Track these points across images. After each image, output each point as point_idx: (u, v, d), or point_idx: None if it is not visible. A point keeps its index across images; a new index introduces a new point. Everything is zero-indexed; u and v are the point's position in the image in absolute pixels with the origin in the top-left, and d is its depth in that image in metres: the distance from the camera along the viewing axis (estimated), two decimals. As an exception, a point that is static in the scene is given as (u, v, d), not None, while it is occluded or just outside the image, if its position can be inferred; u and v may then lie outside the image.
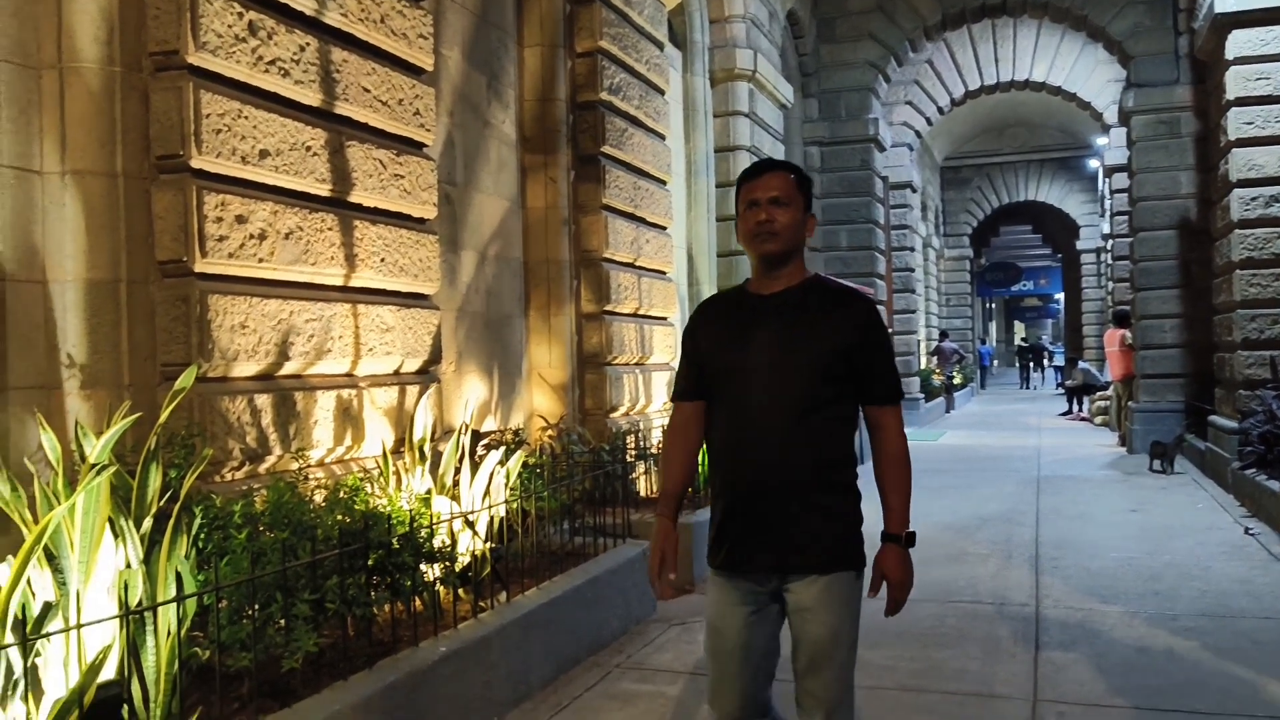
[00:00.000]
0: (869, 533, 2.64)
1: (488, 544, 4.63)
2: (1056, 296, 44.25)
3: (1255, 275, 10.11)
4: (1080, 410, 20.40)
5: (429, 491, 4.54)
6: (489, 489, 4.82)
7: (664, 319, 8.48)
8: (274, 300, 4.23)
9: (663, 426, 7.21)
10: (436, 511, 4.28)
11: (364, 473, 4.53)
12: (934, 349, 25.11)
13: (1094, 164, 25.83)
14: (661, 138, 8.59)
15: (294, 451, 4.29)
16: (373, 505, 4.16)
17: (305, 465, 4.28)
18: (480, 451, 5.26)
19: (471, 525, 4.54)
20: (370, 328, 4.83)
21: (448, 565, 4.19)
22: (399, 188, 5.06)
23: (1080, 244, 31.46)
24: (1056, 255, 39.58)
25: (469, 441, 4.91)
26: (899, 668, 4.71)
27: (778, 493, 2.57)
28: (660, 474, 3.01)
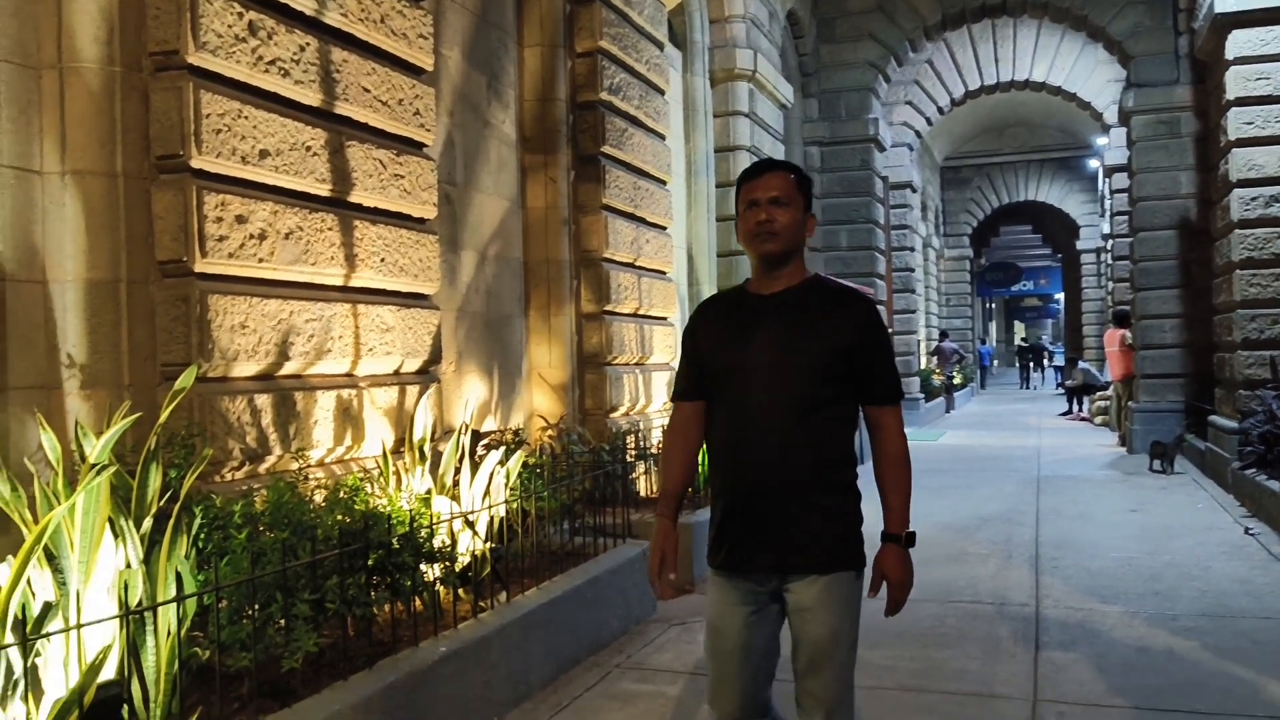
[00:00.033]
0: (869, 533, 2.64)
1: (488, 544, 4.63)
2: (1056, 296, 44.26)
3: (1255, 275, 10.12)
4: (1080, 410, 20.40)
5: (429, 491, 4.54)
6: (489, 489, 4.82)
7: (664, 319, 8.48)
8: (274, 300, 4.23)
9: (663, 426, 7.21)
10: (436, 511, 4.28)
11: (364, 473, 4.53)
12: (934, 349, 25.11)
13: (1094, 164, 25.84)
14: (661, 138, 8.59)
15: (294, 451, 4.29)
16: (373, 505, 4.16)
17: (305, 465, 4.28)
18: (480, 451, 5.26)
19: (471, 525, 4.54)
20: (370, 328, 4.83)
21: (448, 565, 4.19)
22: (399, 188, 5.06)
23: (1080, 244, 31.47)
24: (1056, 255, 39.59)
25: (469, 441, 4.91)
26: (899, 667, 4.71)
27: (778, 493, 2.57)
28: (660, 474, 3.00)
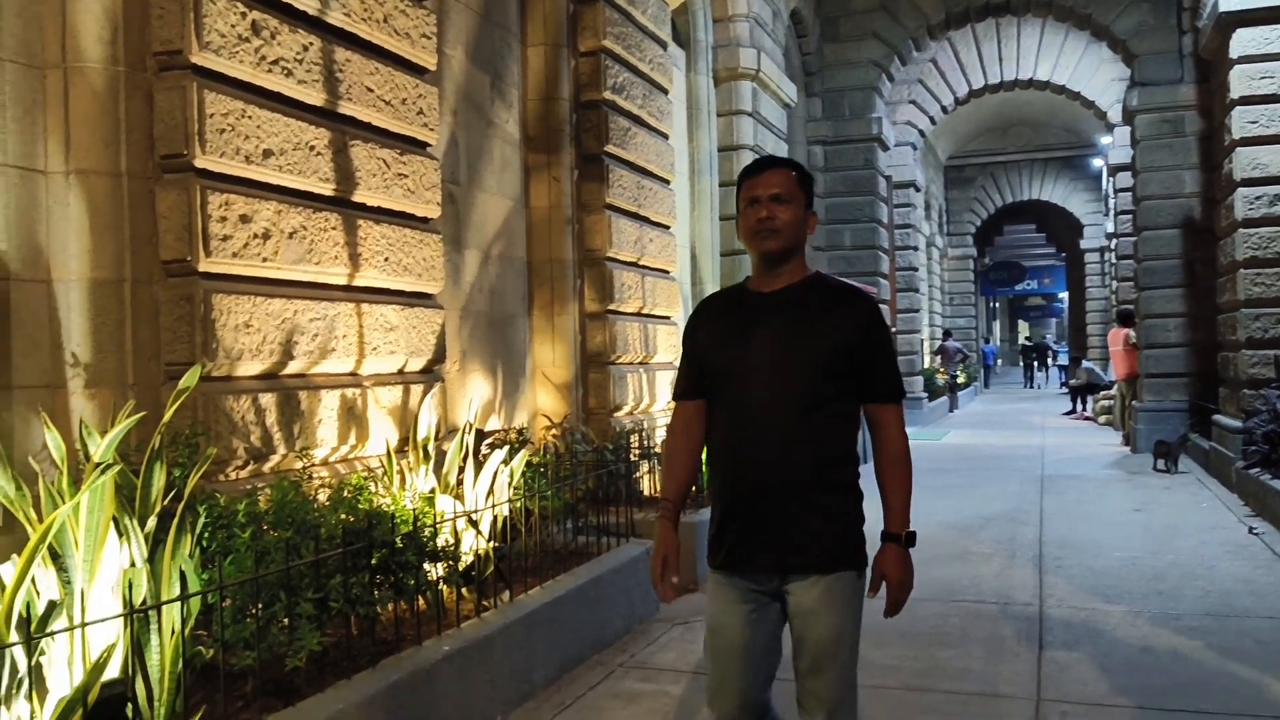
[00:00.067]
0: (869, 532, 2.64)
1: (491, 543, 4.63)
2: (1060, 295, 44.20)
3: (1259, 274, 10.11)
4: (1084, 409, 20.38)
5: (433, 490, 4.55)
6: (493, 488, 4.82)
7: (668, 318, 8.48)
8: (278, 300, 4.24)
9: (667, 425, 7.20)
10: (440, 510, 4.29)
11: (368, 472, 4.53)
12: (938, 348, 25.08)
13: (1098, 163, 25.83)
14: (665, 137, 8.59)
15: (298, 450, 4.29)
16: (376, 504, 4.17)
17: (309, 464, 4.29)
18: (484, 450, 5.27)
19: (475, 524, 4.54)
20: (374, 327, 4.83)
21: (451, 564, 4.19)
22: (402, 187, 5.06)
23: (1084, 243, 31.42)
24: (1060, 254, 39.54)
25: (473, 440, 4.91)
26: (903, 667, 4.71)
27: (778, 492, 2.55)
28: (662, 475, 2.99)
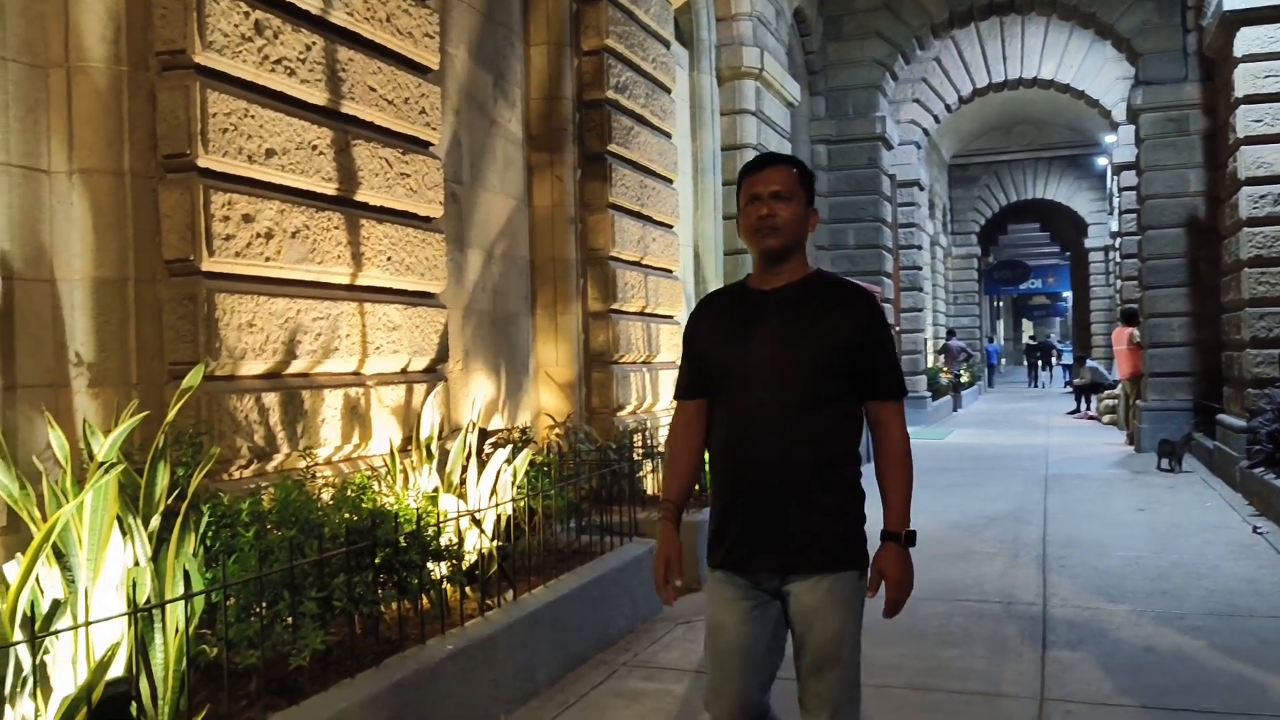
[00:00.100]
0: (870, 531, 2.62)
1: (495, 542, 4.63)
2: (1064, 294, 44.09)
3: (1264, 273, 10.09)
4: (1088, 409, 20.34)
5: (436, 490, 4.55)
6: (496, 487, 4.82)
7: (671, 317, 8.48)
8: (281, 299, 4.24)
9: (668, 425, 7.18)
10: (443, 510, 4.29)
11: (371, 471, 4.54)
12: (941, 347, 25.06)
13: (1102, 162, 25.77)
14: (668, 136, 8.59)
15: (301, 450, 4.29)
16: (380, 503, 4.17)
17: (312, 463, 4.30)
18: (487, 450, 5.27)
19: (478, 523, 4.55)
20: (377, 326, 4.83)
21: (455, 563, 4.20)
22: (405, 186, 5.07)
23: (1088, 242, 31.36)
24: (1065, 253, 39.46)
25: (476, 440, 4.92)
26: (906, 666, 4.71)
27: (778, 492, 2.53)
28: (663, 476, 2.97)
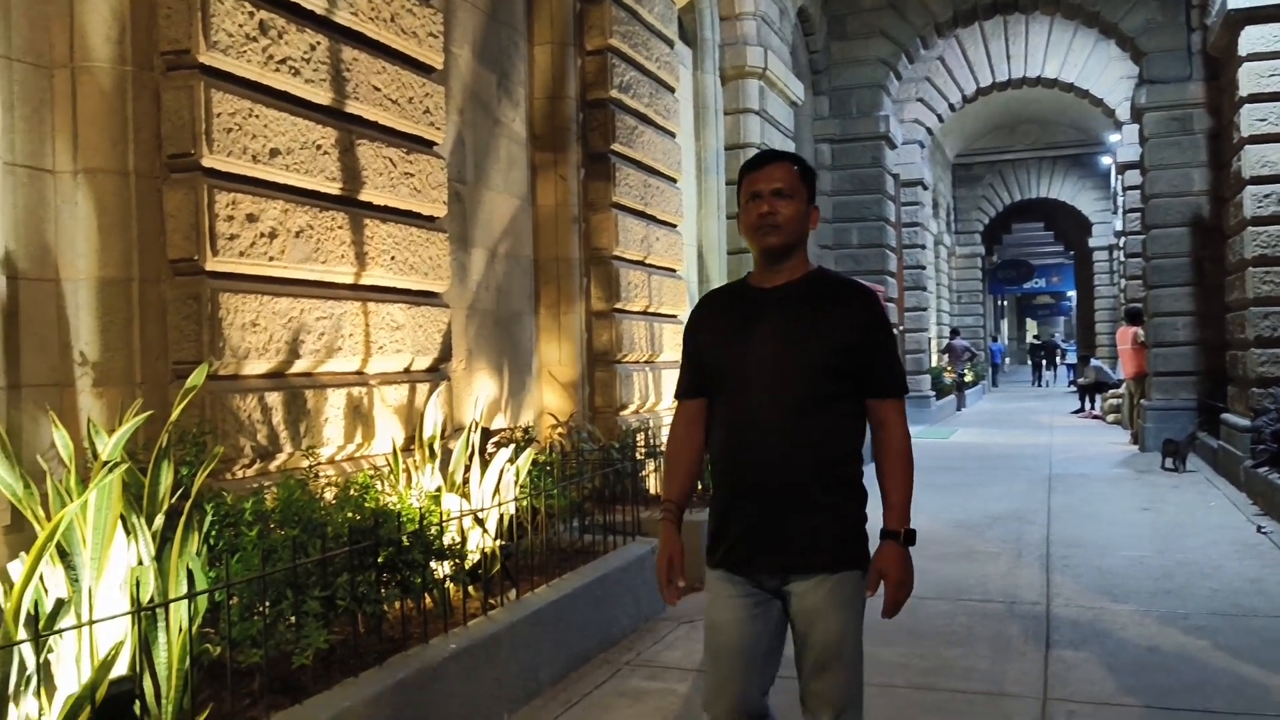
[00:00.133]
0: (871, 531, 2.61)
1: (498, 541, 4.64)
2: (1069, 294, 44.08)
3: (1268, 272, 10.08)
4: (1092, 408, 20.32)
5: (439, 489, 4.55)
6: (499, 486, 4.82)
7: (674, 316, 8.48)
8: (285, 298, 4.25)
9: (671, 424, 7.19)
10: (446, 509, 4.30)
11: (374, 470, 4.54)
12: (945, 347, 25.03)
13: (1106, 161, 25.73)
14: (672, 135, 8.59)
15: (304, 449, 4.30)
16: (383, 503, 4.17)
17: (316, 463, 4.30)
18: (490, 449, 5.27)
19: (481, 523, 4.55)
20: (380, 325, 4.84)
21: (458, 563, 4.20)
22: (409, 186, 5.07)
23: (1093, 241, 31.31)
24: (1069, 252, 39.43)
25: (479, 439, 4.92)
26: (909, 665, 4.71)
27: (778, 493, 2.52)
28: (664, 476, 2.96)
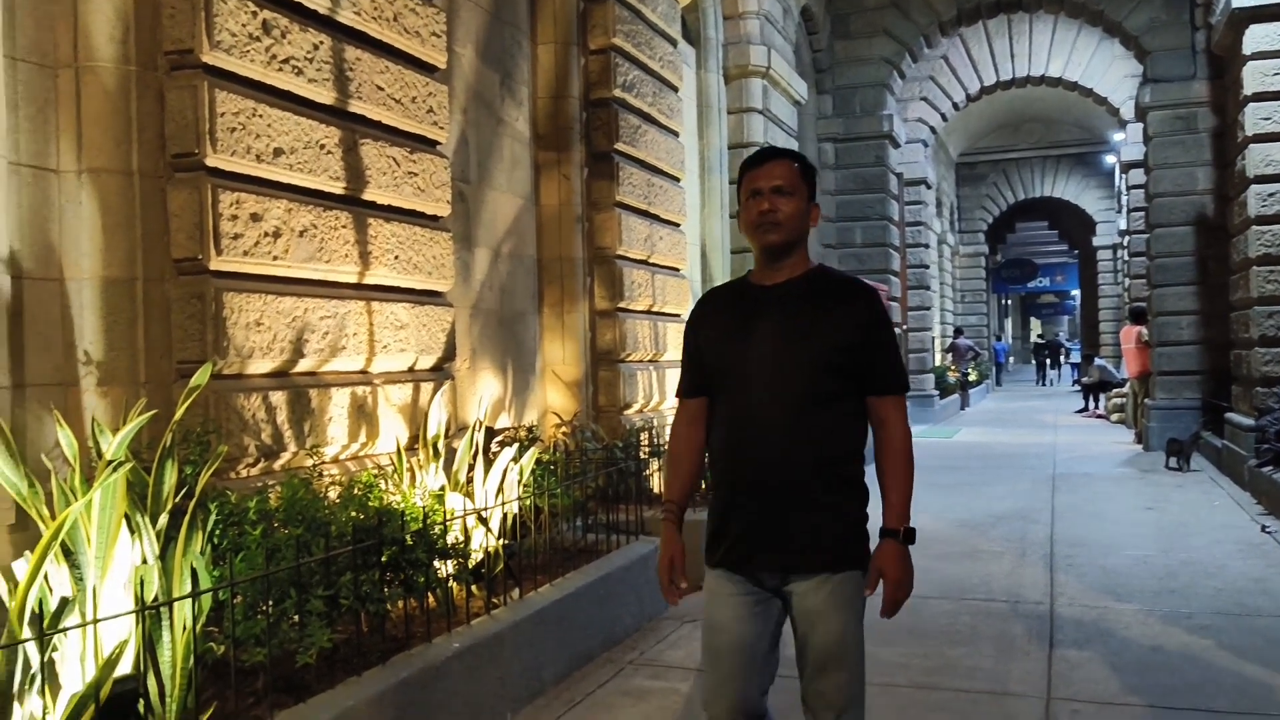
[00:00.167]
0: (872, 530, 2.61)
1: (501, 540, 4.64)
2: (1073, 293, 44.03)
3: (1272, 271, 10.06)
4: (1096, 407, 20.30)
5: (443, 488, 4.56)
6: (502, 486, 4.83)
7: (677, 316, 8.47)
8: (288, 298, 4.25)
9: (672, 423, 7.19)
10: (450, 508, 4.30)
11: (378, 469, 4.54)
12: (949, 346, 25.02)
13: (1111, 160, 25.70)
14: (675, 134, 8.59)
15: (308, 448, 4.31)
16: (387, 502, 4.18)
17: (320, 462, 4.30)
18: (494, 448, 5.28)
19: (485, 522, 4.55)
20: (384, 325, 4.84)
21: (461, 562, 4.20)
22: (412, 185, 5.07)
23: (1097, 240, 31.30)
24: (1073, 251, 39.38)
25: (483, 438, 4.92)
26: (912, 665, 4.71)
27: (778, 492, 2.51)
28: (665, 476, 2.96)
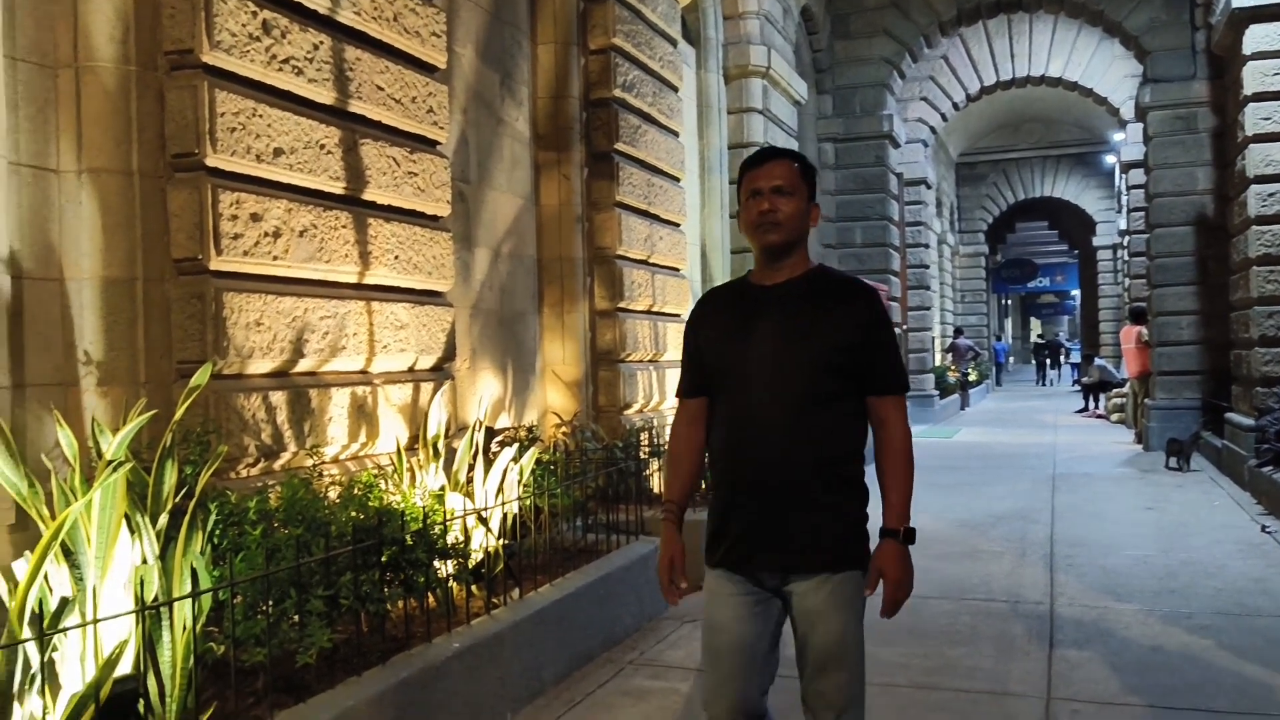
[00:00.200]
0: (872, 530, 2.61)
1: (501, 540, 4.64)
2: (1073, 293, 44.03)
3: (1272, 271, 10.06)
4: (1096, 407, 20.30)
5: (443, 488, 4.56)
6: (502, 486, 4.83)
7: (677, 316, 8.47)
8: (288, 298, 4.25)
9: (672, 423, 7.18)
10: (450, 508, 4.30)
11: (378, 469, 4.54)
12: (949, 346, 25.02)
13: (1110, 159, 25.70)
14: (675, 134, 8.59)
15: (308, 448, 4.31)
16: (387, 502, 4.18)
17: (320, 462, 4.30)
18: (494, 448, 5.28)
19: (485, 522, 4.55)
20: (384, 325, 4.84)
21: (461, 562, 4.20)
22: (412, 185, 5.07)
23: (1097, 240, 31.29)
24: (1073, 251, 39.38)
25: (483, 438, 4.92)
26: (912, 665, 4.71)
27: (778, 492, 2.51)
28: (665, 476, 2.95)
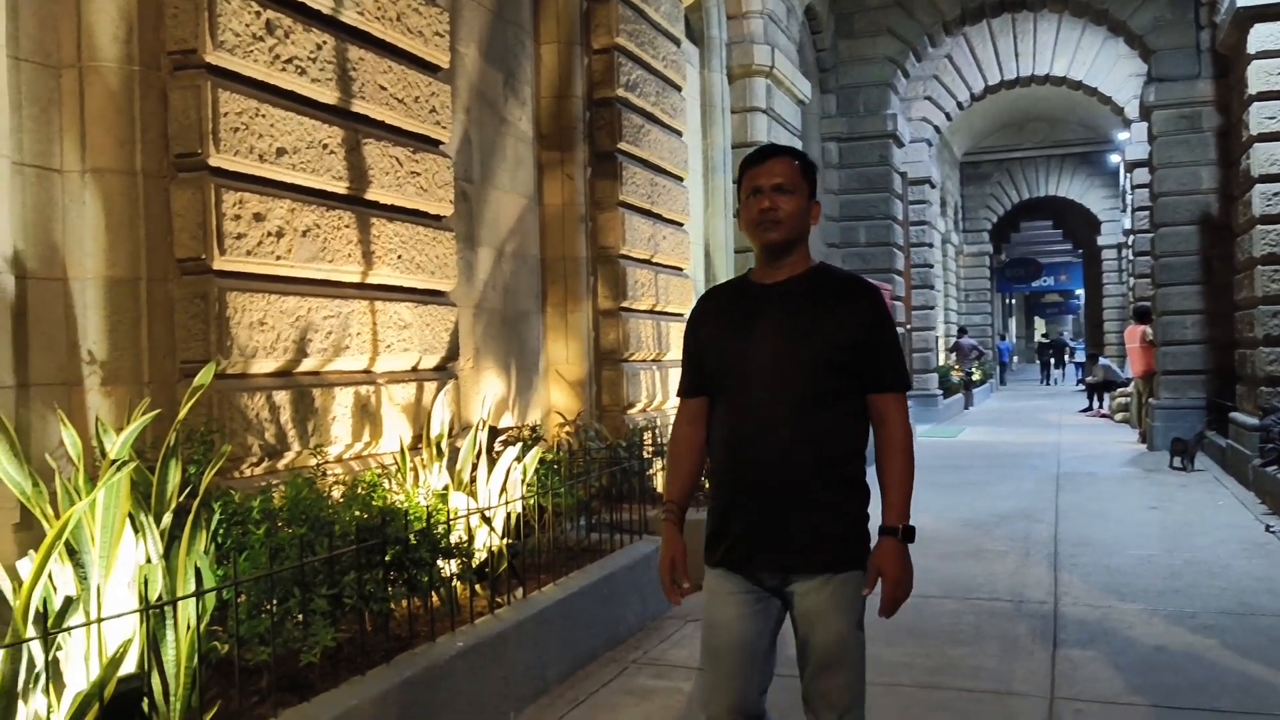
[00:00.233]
0: (873, 530, 2.60)
1: (504, 540, 4.65)
2: (1077, 292, 43.96)
3: (1277, 271, 10.04)
4: (1101, 407, 20.28)
5: (446, 488, 4.56)
6: (506, 485, 4.83)
7: (680, 315, 8.47)
8: (292, 297, 4.26)
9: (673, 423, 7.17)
10: (453, 507, 4.30)
11: (381, 469, 4.55)
12: (953, 345, 24.99)
13: (1115, 159, 25.69)
14: (678, 134, 8.59)
15: (312, 448, 4.31)
16: (390, 501, 4.18)
17: (323, 461, 4.31)
18: (497, 448, 5.28)
19: (488, 521, 4.56)
20: (388, 324, 4.85)
21: (464, 561, 4.21)
22: (415, 185, 5.08)
23: (1101, 239, 31.24)
24: (1077, 251, 39.33)
25: (486, 438, 4.93)
26: (915, 664, 4.70)
27: (778, 492, 2.50)
28: (666, 476, 2.95)
